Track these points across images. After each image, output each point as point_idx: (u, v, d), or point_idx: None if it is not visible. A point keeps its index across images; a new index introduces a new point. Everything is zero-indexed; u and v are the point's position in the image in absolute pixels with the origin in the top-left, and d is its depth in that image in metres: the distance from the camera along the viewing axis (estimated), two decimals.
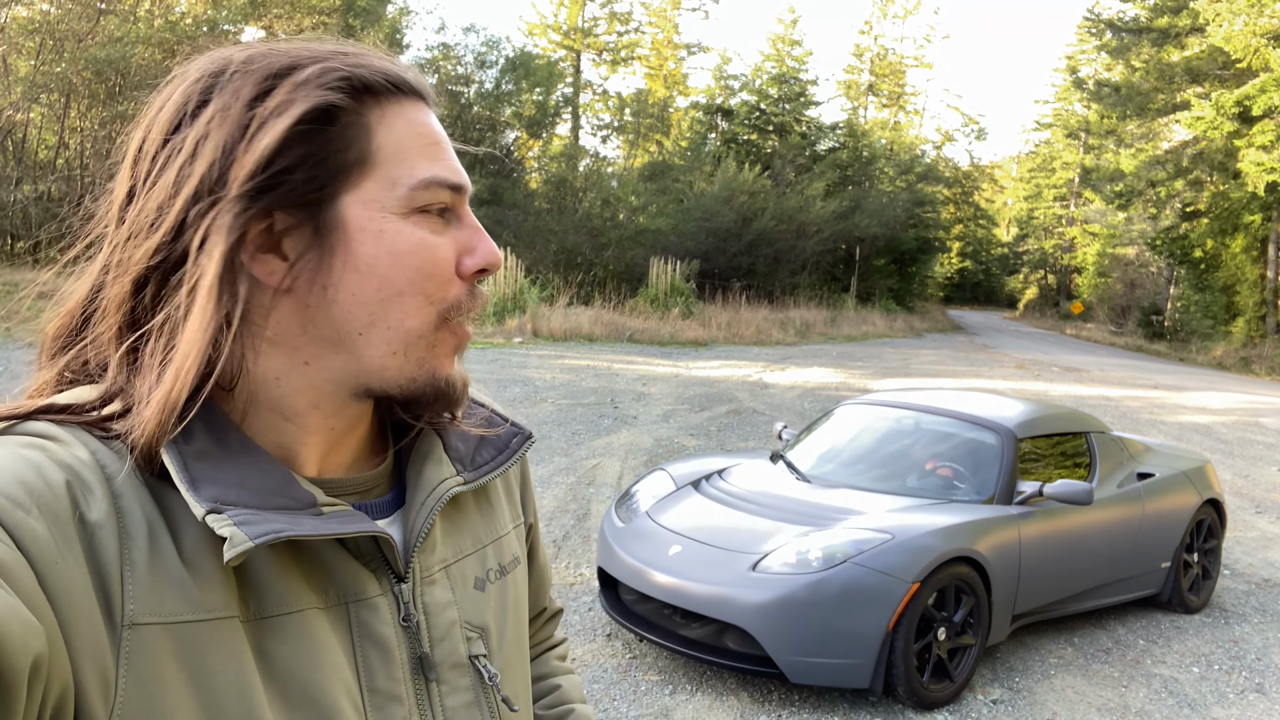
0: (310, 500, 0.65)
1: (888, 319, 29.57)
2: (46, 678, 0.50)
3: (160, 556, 0.58)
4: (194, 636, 0.57)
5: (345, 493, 0.71)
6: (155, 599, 0.57)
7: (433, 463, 0.76)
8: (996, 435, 4.64)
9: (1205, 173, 27.07)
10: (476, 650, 0.74)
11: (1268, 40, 21.92)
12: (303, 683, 0.62)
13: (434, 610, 0.72)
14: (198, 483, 0.60)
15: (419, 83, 0.71)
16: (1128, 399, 14.22)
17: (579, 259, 23.93)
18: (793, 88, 36.22)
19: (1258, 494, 8.22)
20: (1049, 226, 52.81)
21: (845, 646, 3.62)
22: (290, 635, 0.62)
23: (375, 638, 0.67)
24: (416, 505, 0.73)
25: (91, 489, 0.57)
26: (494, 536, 0.82)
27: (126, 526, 0.58)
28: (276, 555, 0.63)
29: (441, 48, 27.09)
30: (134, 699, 0.55)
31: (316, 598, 0.65)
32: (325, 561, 0.66)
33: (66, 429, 0.61)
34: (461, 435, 0.80)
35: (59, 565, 0.53)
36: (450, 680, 0.72)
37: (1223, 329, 27.91)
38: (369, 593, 0.68)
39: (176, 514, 0.60)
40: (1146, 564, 4.95)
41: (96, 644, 0.54)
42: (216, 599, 0.59)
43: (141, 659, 0.55)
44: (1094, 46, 37.08)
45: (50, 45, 17.71)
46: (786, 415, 10.26)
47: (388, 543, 0.68)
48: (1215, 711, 4.01)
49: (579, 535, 5.70)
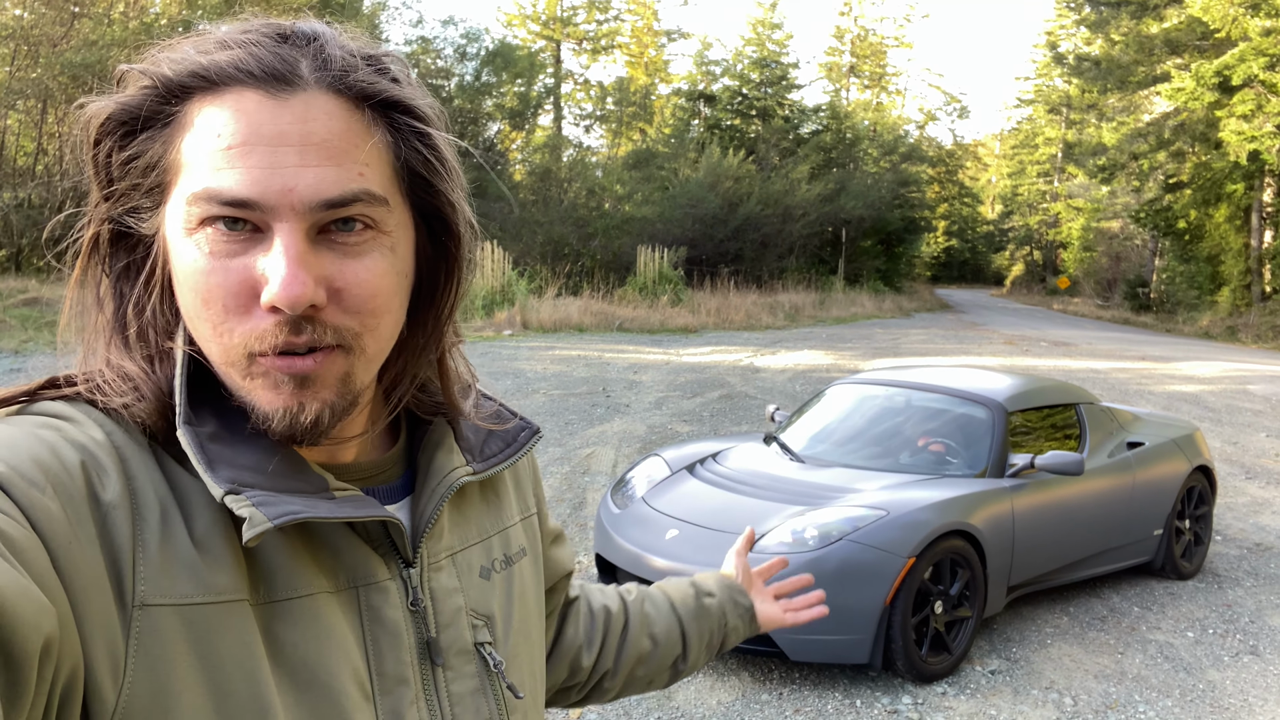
0: (323, 484, 0.65)
1: (876, 300, 29.65)
2: (57, 658, 0.50)
3: (172, 538, 0.58)
4: (204, 619, 0.57)
5: (354, 478, 0.71)
6: (166, 581, 0.57)
7: (444, 451, 0.76)
8: (987, 409, 4.67)
9: (1187, 144, 27.19)
10: (482, 637, 0.75)
11: (1245, 9, 21.99)
12: (311, 666, 0.62)
13: (441, 596, 0.72)
14: (215, 464, 0.60)
15: (247, 65, 0.60)
16: (1116, 371, 14.31)
17: (566, 249, 23.90)
18: (774, 71, 36.21)
19: (1247, 460, 8.30)
20: (1033, 202, 53.00)
21: (843, 623, 3.65)
22: (299, 619, 0.62)
23: (385, 621, 0.67)
24: (426, 492, 0.74)
25: (106, 470, 0.58)
26: (500, 528, 0.83)
27: (139, 508, 0.58)
28: (286, 539, 0.63)
29: (420, 41, 26.98)
30: (143, 679, 0.55)
31: (326, 581, 0.65)
32: (335, 546, 0.66)
33: (80, 408, 0.61)
34: (472, 427, 0.81)
35: (73, 545, 0.53)
36: (456, 666, 0.72)
37: (1208, 299, 28.09)
38: (378, 577, 0.68)
39: (189, 496, 0.60)
40: (1139, 532, 5.00)
41: (107, 624, 0.54)
42: (227, 582, 0.59)
43: (151, 640, 0.55)
44: (1073, 21, 37.14)
45: (25, 51, 17.54)
46: (778, 398, 10.29)
47: (397, 528, 0.69)
48: (1210, 674, 4.06)
49: (575, 523, 5.72)
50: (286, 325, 0.59)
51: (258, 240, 0.60)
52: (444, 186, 0.67)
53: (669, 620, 1.13)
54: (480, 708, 0.73)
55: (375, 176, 0.63)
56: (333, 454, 0.71)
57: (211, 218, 0.59)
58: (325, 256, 0.61)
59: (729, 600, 1.17)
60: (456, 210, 0.69)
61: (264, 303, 0.59)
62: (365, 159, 0.62)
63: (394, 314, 0.66)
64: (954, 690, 3.81)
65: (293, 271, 0.58)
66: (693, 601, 1.15)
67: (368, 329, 0.63)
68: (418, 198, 0.67)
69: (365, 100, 0.63)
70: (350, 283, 0.62)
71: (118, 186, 0.64)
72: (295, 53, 0.61)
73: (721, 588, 1.18)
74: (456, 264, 0.71)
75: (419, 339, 0.73)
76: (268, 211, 0.59)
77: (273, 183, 0.59)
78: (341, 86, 0.62)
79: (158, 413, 0.63)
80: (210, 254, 0.60)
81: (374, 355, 0.65)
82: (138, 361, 0.65)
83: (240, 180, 0.58)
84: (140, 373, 0.64)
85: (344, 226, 0.62)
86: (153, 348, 0.65)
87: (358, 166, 0.61)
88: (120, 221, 0.65)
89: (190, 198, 0.59)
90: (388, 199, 0.63)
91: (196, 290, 0.60)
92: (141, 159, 0.62)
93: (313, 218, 0.60)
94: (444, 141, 0.67)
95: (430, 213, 0.68)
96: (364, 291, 0.62)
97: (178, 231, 0.61)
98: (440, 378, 0.77)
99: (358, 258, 0.62)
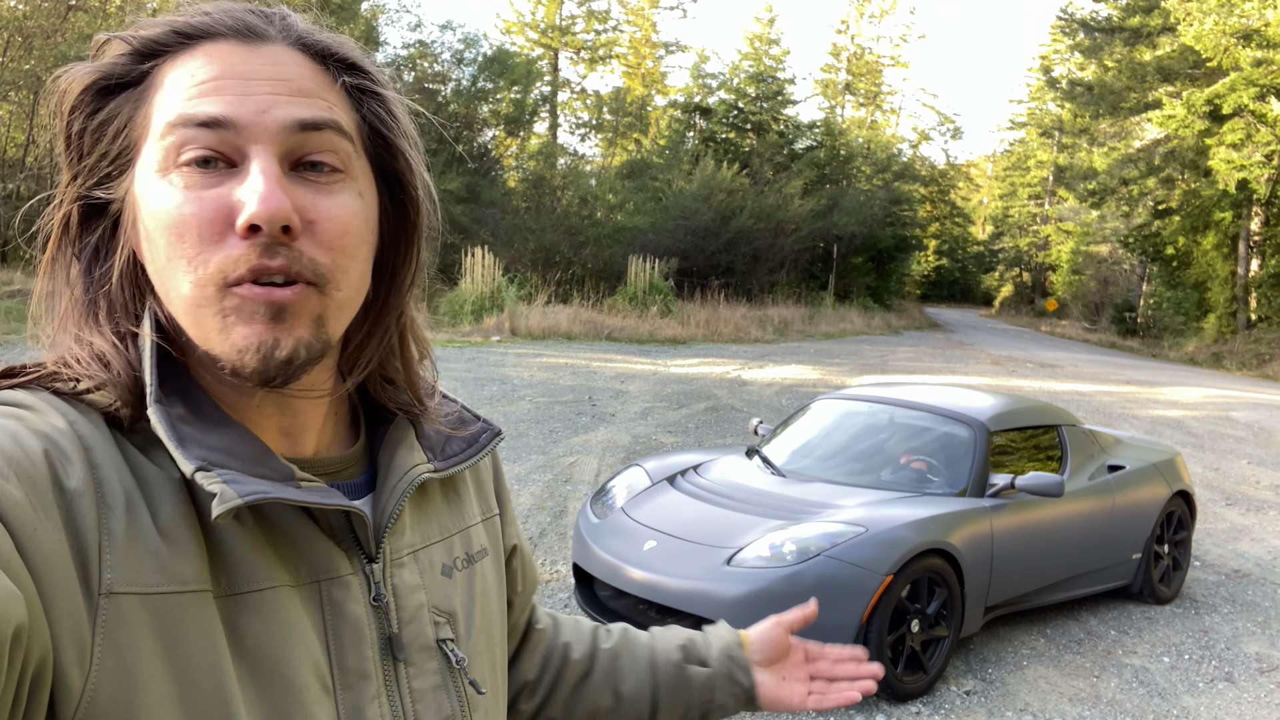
0: (289, 473, 0.65)
1: (865, 316, 29.74)
2: (27, 645, 0.50)
3: (137, 527, 0.58)
4: (169, 608, 0.57)
5: (317, 473, 0.71)
6: (132, 570, 0.56)
7: (405, 448, 0.76)
8: (969, 429, 4.67)
9: (1177, 170, 27.42)
10: (444, 634, 0.74)
11: (1237, 39, 22.22)
12: (273, 660, 0.62)
13: (403, 592, 0.72)
14: (185, 442, 0.60)
15: (220, 20, 0.64)
16: (1101, 394, 14.38)
17: (557, 257, 23.90)
18: (770, 86, 36.33)
19: (1228, 486, 8.33)
20: (1024, 224, 53.32)
21: (820, 638, 3.60)
22: (261, 612, 0.62)
23: (346, 616, 0.67)
24: (388, 489, 0.73)
25: (69, 458, 0.57)
26: (461, 527, 0.82)
27: (105, 496, 0.57)
28: (249, 532, 0.63)
29: (418, 45, 26.99)
30: (109, 667, 0.54)
31: (288, 575, 0.65)
32: (297, 540, 0.66)
33: (41, 397, 0.61)
34: (434, 429, 0.81)
35: (37, 532, 0.53)
36: (418, 662, 0.72)
37: (1194, 325, 28.28)
38: (341, 571, 0.68)
39: (153, 485, 0.60)
40: (1117, 555, 5.00)
41: (74, 612, 0.53)
42: (191, 572, 0.59)
43: (118, 628, 0.55)
44: (1067, 46, 37.39)
45: (19, 42, 17.47)
46: (764, 412, 10.29)
47: (360, 521, 0.69)
48: (1185, 700, 4.06)
49: (555, 532, 5.68)
50: (260, 248, 0.60)
51: (231, 175, 0.61)
52: (403, 145, 0.70)
53: (641, 680, 1.03)
54: (442, 704, 0.72)
55: (343, 118, 0.66)
56: (295, 445, 0.70)
57: (186, 159, 0.61)
58: (299, 189, 0.63)
59: (724, 675, 1.04)
60: (414, 173, 0.71)
61: (240, 224, 0.59)
62: (332, 100, 0.66)
63: (361, 263, 0.67)
64: (928, 710, 3.79)
65: (270, 188, 0.59)
66: (674, 668, 1.04)
67: (339, 268, 0.64)
68: (378, 157, 0.70)
69: (327, 58, 0.67)
70: (323, 216, 0.63)
71: (87, 161, 0.65)
72: (264, 20, 0.66)
73: (722, 659, 1.05)
74: (416, 231, 0.73)
75: (381, 307, 0.74)
76: (242, 133, 0.61)
77: (247, 105, 0.61)
78: (306, 44, 0.66)
79: (127, 391, 0.62)
80: (185, 187, 0.60)
81: (344, 302, 0.66)
82: (109, 338, 0.65)
83: (216, 103, 0.61)
84: (112, 349, 0.64)
85: (315, 168, 0.64)
86: (122, 326, 0.65)
87: (326, 102, 0.65)
88: (89, 197, 0.65)
89: (164, 128, 0.61)
90: (354, 140, 0.67)
91: (171, 227, 0.60)
92: (113, 123, 0.64)
93: (287, 142, 0.62)
94: (399, 106, 0.71)
95: (390, 175, 0.71)
96: (337, 227, 0.64)
97: (150, 177, 0.62)
98: (401, 355, 0.78)
99: (329, 195, 0.64)
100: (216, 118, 0.60)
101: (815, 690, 1.10)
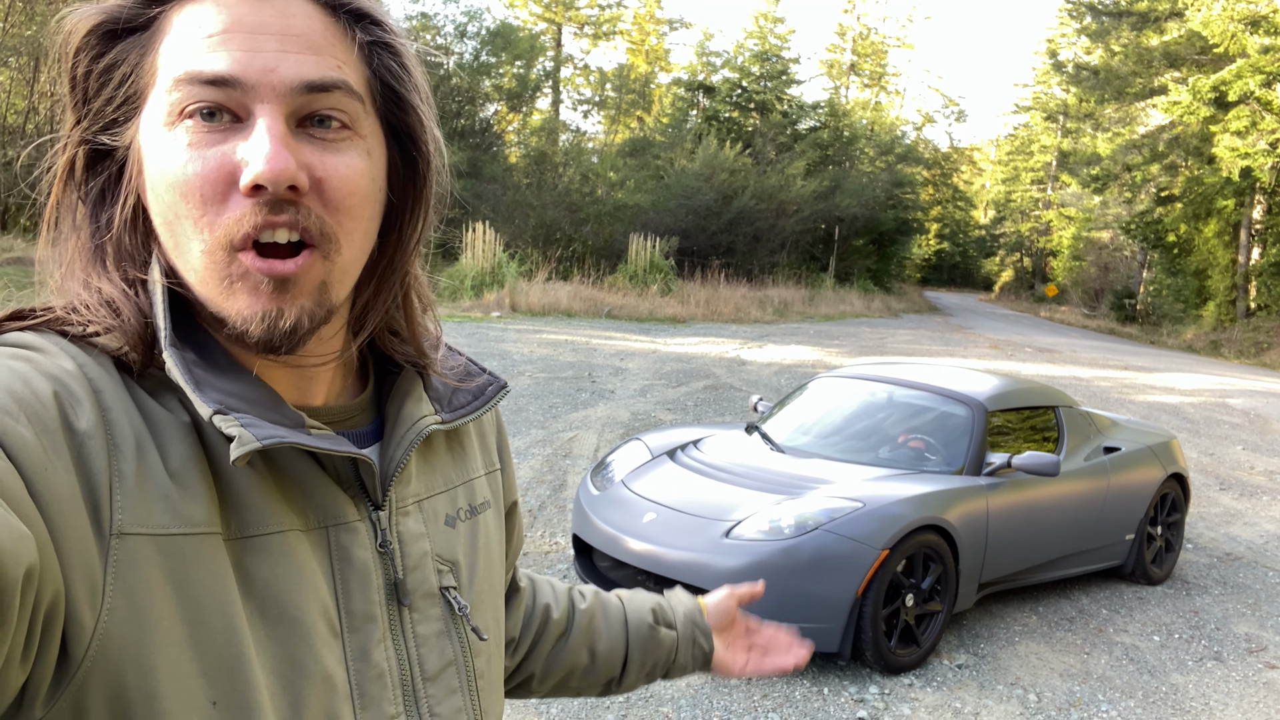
0: (299, 420, 0.66)
1: (865, 299, 29.71)
2: (39, 586, 0.50)
3: (147, 469, 0.58)
4: (179, 550, 0.58)
5: (324, 420, 0.72)
6: (143, 511, 0.57)
7: (413, 400, 0.77)
8: (968, 408, 4.70)
9: (1180, 157, 27.34)
10: (447, 582, 0.76)
11: (1245, 25, 22.09)
12: (281, 601, 0.63)
13: (408, 540, 0.73)
14: (201, 385, 0.61)
15: None
16: (1099, 379, 14.42)
17: (558, 234, 23.84)
18: (775, 66, 36.10)
19: (1222, 471, 8.39)
20: (1026, 209, 53.14)
21: (815, 611, 3.68)
22: (270, 555, 0.63)
23: (354, 561, 0.68)
24: (395, 438, 0.74)
25: (79, 399, 0.57)
26: (464, 479, 0.84)
27: (115, 438, 0.58)
28: (259, 476, 0.64)
29: (420, 17, 26.80)
30: (121, 607, 0.55)
31: (297, 520, 0.66)
32: (305, 485, 0.67)
33: (49, 339, 0.61)
34: (441, 381, 0.82)
35: (48, 472, 0.53)
36: (422, 608, 0.73)
37: (1194, 313, 28.30)
38: (348, 517, 0.69)
39: (163, 428, 0.61)
40: (1111, 536, 5.05)
41: (85, 552, 0.54)
42: (201, 514, 0.60)
43: (129, 569, 0.56)
44: (1074, 30, 37.16)
45: (20, 8, 17.32)
46: (763, 391, 10.32)
47: (368, 469, 0.70)
48: (1174, 678, 4.12)
49: (555, 505, 5.73)
50: (266, 205, 0.60)
51: (236, 130, 0.61)
52: (414, 100, 0.69)
53: (615, 640, 1.10)
54: (445, 649, 0.74)
55: (352, 76, 0.64)
56: (303, 394, 0.71)
57: (191, 110, 0.60)
58: (305, 147, 0.62)
59: (688, 638, 1.13)
60: (425, 128, 0.70)
61: (244, 184, 0.59)
62: (342, 57, 0.64)
63: (367, 223, 0.67)
64: (920, 683, 3.85)
65: (275, 148, 0.59)
66: (647, 629, 1.11)
67: (344, 230, 0.64)
68: (389, 113, 0.69)
69: (339, 9, 0.65)
70: (330, 174, 0.63)
71: (93, 104, 0.64)
72: None
73: (686, 623, 1.13)
74: (425, 188, 0.72)
75: (387, 265, 0.73)
76: (249, 91, 0.60)
77: (254, 62, 0.60)
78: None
79: (137, 337, 0.63)
80: (189, 144, 0.60)
81: (348, 264, 0.66)
82: (117, 284, 0.65)
83: (223, 59, 0.59)
84: (120, 295, 0.64)
85: (322, 124, 0.63)
86: (130, 273, 0.66)
87: (336, 60, 0.63)
88: (94, 141, 0.65)
89: (171, 83, 0.60)
90: (363, 99, 0.65)
91: (175, 185, 0.60)
92: (119, 68, 0.63)
93: (294, 102, 0.61)
94: (412, 58, 0.69)
95: (401, 130, 0.70)
96: (344, 186, 0.63)
97: (155, 129, 0.61)
98: (404, 312, 0.78)
99: (336, 153, 0.63)
100: (223, 75, 0.59)
101: (753, 659, 1.18)
